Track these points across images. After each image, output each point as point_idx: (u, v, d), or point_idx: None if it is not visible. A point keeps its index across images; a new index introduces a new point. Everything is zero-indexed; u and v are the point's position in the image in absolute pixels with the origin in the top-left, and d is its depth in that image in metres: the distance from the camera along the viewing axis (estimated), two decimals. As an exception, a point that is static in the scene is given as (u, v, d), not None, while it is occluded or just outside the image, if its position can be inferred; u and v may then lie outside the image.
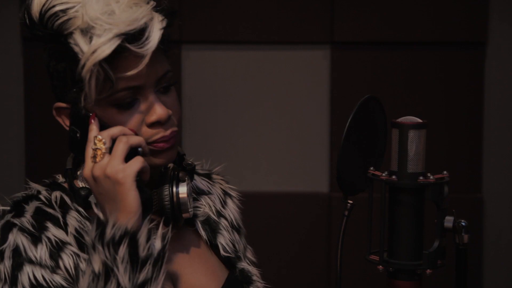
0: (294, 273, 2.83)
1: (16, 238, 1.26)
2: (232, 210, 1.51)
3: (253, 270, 1.46)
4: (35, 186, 1.36)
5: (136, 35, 1.22)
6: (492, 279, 2.83)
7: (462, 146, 2.78)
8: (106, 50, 1.20)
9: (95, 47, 1.20)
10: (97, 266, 1.18)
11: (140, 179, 1.21)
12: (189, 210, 1.31)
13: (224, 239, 1.43)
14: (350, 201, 1.32)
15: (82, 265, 1.26)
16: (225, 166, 1.57)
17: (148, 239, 1.20)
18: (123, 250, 1.18)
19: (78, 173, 1.36)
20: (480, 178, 2.79)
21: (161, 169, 1.31)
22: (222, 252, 1.42)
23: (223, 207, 1.49)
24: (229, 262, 1.43)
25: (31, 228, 1.27)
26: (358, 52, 2.76)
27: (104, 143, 1.22)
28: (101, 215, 1.21)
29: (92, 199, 1.29)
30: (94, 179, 1.21)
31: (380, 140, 1.36)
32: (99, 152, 1.22)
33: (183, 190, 1.29)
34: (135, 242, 1.19)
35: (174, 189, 1.29)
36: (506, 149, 2.80)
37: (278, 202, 2.85)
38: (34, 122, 2.74)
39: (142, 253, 1.19)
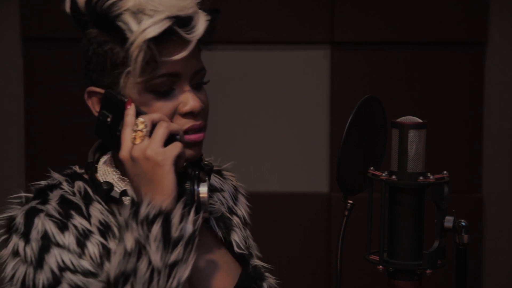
0: (294, 273, 2.83)
1: (43, 223, 1.28)
2: (243, 205, 1.55)
3: (264, 265, 1.50)
4: (57, 176, 1.39)
5: (185, 21, 1.27)
6: (492, 279, 2.83)
7: (462, 146, 2.78)
8: (156, 29, 1.25)
9: (146, 26, 1.25)
10: (129, 243, 1.21)
11: (176, 164, 1.25)
12: (208, 210, 1.33)
13: (237, 236, 1.47)
14: (350, 201, 1.32)
15: (107, 255, 1.29)
16: (233, 164, 1.61)
17: (181, 220, 1.23)
18: (156, 228, 1.21)
19: (102, 162, 1.39)
20: (480, 178, 2.80)
21: (180, 169, 1.32)
22: (236, 249, 1.45)
23: (234, 203, 1.53)
24: (242, 259, 1.46)
25: (57, 216, 1.30)
26: (358, 52, 2.76)
27: (146, 126, 1.25)
28: (135, 196, 1.25)
29: (114, 193, 1.33)
30: (133, 160, 1.25)
31: (380, 140, 1.36)
32: (140, 134, 1.25)
33: (203, 190, 1.32)
34: (169, 222, 1.22)
35: (195, 188, 1.31)
36: (506, 149, 2.80)
37: (278, 202, 2.85)
38: (34, 122, 2.74)
39: (175, 233, 1.22)
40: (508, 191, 2.81)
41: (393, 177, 1.26)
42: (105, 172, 1.38)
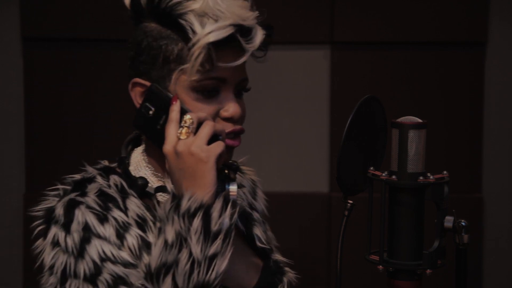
0: (294, 273, 2.83)
1: (84, 214, 1.32)
2: (261, 200, 1.63)
3: (284, 260, 1.56)
4: (91, 170, 1.42)
5: (246, 31, 1.34)
6: (492, 279, 2.83)
7: (462, 146, 2.78)
8: (220, 34, 1.31)
9: (210, 30, 1.31)
10: (170, 236, 1.26)
11: (217, 162, 1.30)
12: (237, 207, 1.36)
13: (259, 231, 1.53)
14: (350, 201, 1.32)
15: (145, 247, 1.32)
16: (248, 157, 1.66)
17: (220, 215, 1.27)
18: (197, 222, 1.26)
19: (134, 156, 1.43)
20: (480, 178, 2.80)
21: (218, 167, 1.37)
22: (258, 243, 1.50)
23: (254, 198, 1.60)
24: (263, 253, 1.51)
25: (97, 208, 1.33)
26: (358, 52, 2.76)
27: (192, 123, 1.30)
28: (175, 190, 1.30)
29: (149, 189, 1.37)
30: (177, 154, 1.29)
31: (380, 140, 1.36)
32: (186, 130, 1.30)
33: (233, 188, 1.36)
34: (209, 216, 1.26)
35: (226, 186, 1.35)
36: (506, 149, 2.80)
37: (278, 202, 2.85)
38: (34, 122, 2.74)
39: (214, 227, 1.27)
40: (508, 191, 2.81)
41: (393, 177, 1.26)
42: (138, 167, 1.42)
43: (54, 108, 2.73)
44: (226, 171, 1.37)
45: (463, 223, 1.28)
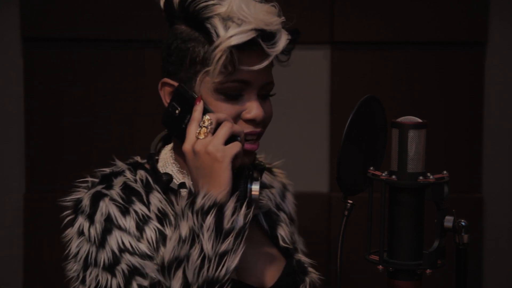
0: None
1: (108, 206, 1.39)
2: (290, 203, 1.69)
3: (307, 261, 1.61)
4: (121, 164, 1.49)
5: (268, 36, 1.39)
6: (492, 279, 2.83)
7: (462, 146, 2.78)
8: (242, 38, 1.36)
9: (233, 33, 1.36)
10: (184, 231, 1.31)
11: (233, 162, 1.35)
12: (259, 206, 1.42)
13: (283, 231, 1.57)
14: (350, 201, 1.33)
15: (163, 240, 1.38)
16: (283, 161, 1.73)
17: (233, 213, 1.32)
18: (210, 219, 1.30)
19: (163, 154, 1.48)
20: (480, 178, 2.79)
21: (236, 168, 1.41)
22: (281, 243, 1.55)
23: (282, 200, 1.65)
24: (287, 253, 1.56)
25: (120, 201, 1.40)
26: (358, 52, 2.76)
27: (211, 123, 1.36)
28: (192, 187, 1.36)
29: (173, 185, 1.43)
30: (194, 153, 1.35)
31: (380, 140, 1.36)
32: (204, 130, 1.35)
33: (255, 188, 1.40)
34: (222, 214, 1.31)
35: (248, 185, 1.40)
36: (506, 149, 2.80)
37: (278, 202, 2.85)
38: (34, 122, 2.74)
39: (227, 225, 1.31)
40: (508, 191, 2.81)
41: (393, 177, 1.26)
42: (165, 164, 1.47)
43: (54, 108, 2.73)
44: (250, 171, 1.41)
45: (463, 223, 1.28)
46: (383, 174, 1.27)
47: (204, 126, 1.36)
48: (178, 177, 1.45)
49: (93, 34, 2.70)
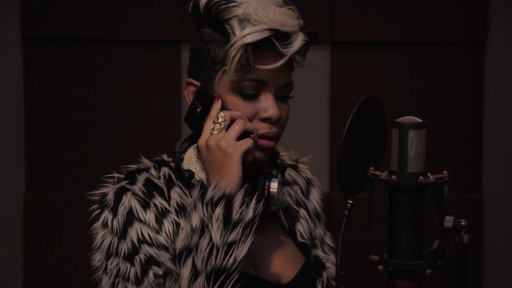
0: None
1: (130, 200, 1.47)
2: (316, 198, 1.70)
3: (327, 257, 1.63)
4: (146, 162, 1.57)
5: (283, 36, 1.44)
6: (492, 279, 2.83)
7: (462, 146, 2.78)
8: (255, 36, 1.41)
9: (247, 32, 1.41)
10: (195, 222, 1.37)
11: (244, 158, 1.40)
12: (277, 203, 1.47)
13: (302, 227, 1.61)
14: (350, 201, 1.32)
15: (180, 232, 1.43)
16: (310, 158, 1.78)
17: (242, 205, 1.37)
18: (219, 210, 1.36)
19: (188, 152, 1.54)
20: (480, 178, 2.79)
21: (256, 166, 1.48)
22: (299, 238, 1.59)
23: (305, 196, 1.68)
24: (305, 249, 1.60)
25: (141, 195, 1.48)
26: (358, 52, 2.76)
27: (224, 120, 1.42)
28: (205, 180, 1.43)
29: (194, 181, 1.48)
30: (208, 148, 1.41)
31: (380, 140, 1.36)
32: (218, 126, 1.42)
33: (274, 185, 1.46)
34: (230, 205, 1.37)
35: (266, 182, 1.46)
36: (506, 149, 2.80)
37: (278, 202, 2.85)
38: (34, 122, 2.74)
39: (235, 216, 1.36)
40: (508, 191, 2.81)
41: (393, 177, 1.26)
42: (189, 162, 1.53)
43: (54, 108, 2.73)
44: (269, 169, 1.47)
45: (463, 223, 1.28)
46: (383, 174, 1.27)
47: (218, 122, 1.42)
48: (200, 174, 1.51)
49: (93, 34, 2.70)
